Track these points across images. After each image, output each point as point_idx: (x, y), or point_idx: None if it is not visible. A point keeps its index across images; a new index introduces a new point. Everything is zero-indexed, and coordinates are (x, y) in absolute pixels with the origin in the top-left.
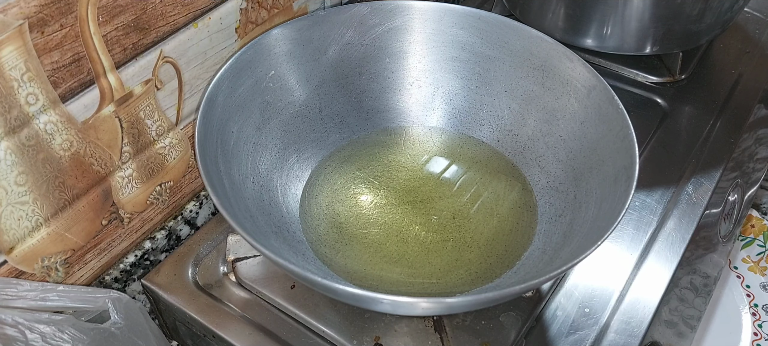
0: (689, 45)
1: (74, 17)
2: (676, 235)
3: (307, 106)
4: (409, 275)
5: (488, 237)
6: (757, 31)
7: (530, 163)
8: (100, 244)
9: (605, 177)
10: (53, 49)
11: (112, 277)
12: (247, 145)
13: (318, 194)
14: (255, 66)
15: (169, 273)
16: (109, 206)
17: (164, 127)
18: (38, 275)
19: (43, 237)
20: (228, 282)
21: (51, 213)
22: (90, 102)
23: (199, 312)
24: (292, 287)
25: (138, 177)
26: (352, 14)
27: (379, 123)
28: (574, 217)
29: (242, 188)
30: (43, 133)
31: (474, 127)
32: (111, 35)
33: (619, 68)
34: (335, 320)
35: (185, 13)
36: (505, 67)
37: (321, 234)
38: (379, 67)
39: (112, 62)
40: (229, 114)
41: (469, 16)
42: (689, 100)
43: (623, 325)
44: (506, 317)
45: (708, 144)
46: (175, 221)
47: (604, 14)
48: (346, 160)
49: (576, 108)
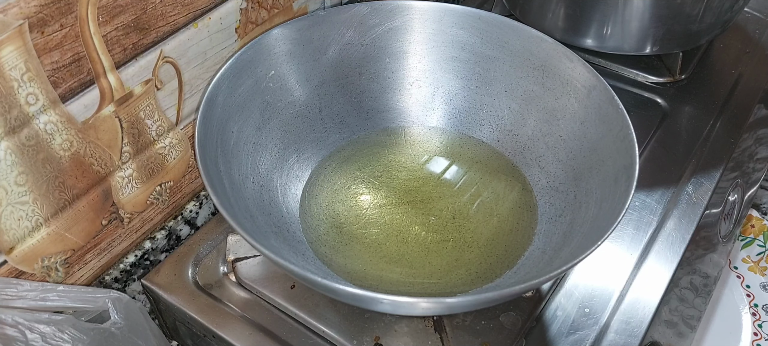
0: (689, 45)
1: (74, 17)
2: (676, 235)
3: (307, 106)
4: (409, 275)
5: (488, 237)
6: (757, 31)
7: (530, 163)
8: (100, 244)
9: (605, 177)
10: (53, 49)
11: (112, 277)
12: (247, 145)
13: (318, 194)
14: (255, 66)
15: (169, 273)
16: (109, 205)
17: (164, 127)
18: (38, 275)
19: (43, 237)
20: (228, 282)
21: (51, 213)
22: (90, 102)
23: (199, 312)
24: (292, 287)
25: (138, 177)
26: (352, 14)
27: (379, 123)
28: (574, 217)
29: (242, 188)
30: (43, 133)
31: (474, 127)
32: (111, 35)
33: (619, 68)
34: (335, 320)
35: (185, 13)
36: (505, 67)
37: (321, 234)
38: (379, 67)
39: (112, 62)
40: (229, 114)
41: (469, 16)
42: (689, 100)
43: (623, 325)
44: (506, 317)
45: (708, 144)
46: (175, 221)
47: (604, 14)
48: (346, 160)
49: (576, 108)
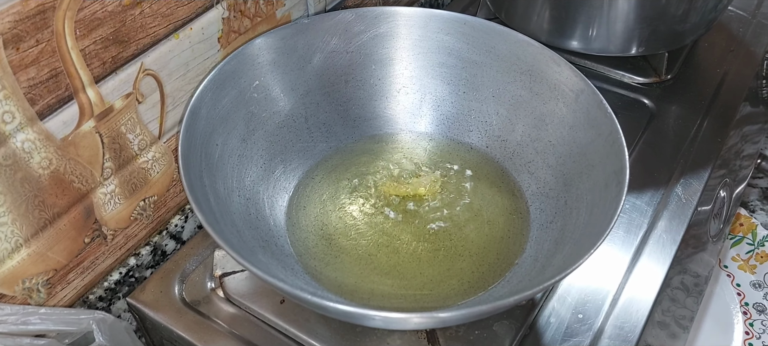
0: (674, 45)
1: (50, 32)
2: (667, 236)
3: (293, 116)
4: (401, 286)
5: (479, 245)
6: (741, 30)
7: (520, 169)
8: (83, 262)
9: (596, 182)
10: (29, 65)
11: (96, 296)
12: (232, 157)
13: (306, 205)
14: (239, 76)
15: (154, 290)
16: (91, 223)
17: (147, 141)
18: (19, 298)
19: (23, 258)
20: (216, 298)
21: (31, 233)
22: (69, 118)
23: (187, 330)
24: (282, 301)
25: (121, 193)
26: (337, 21)
27: (366, 131)
28: (565, 223)
29: (228, 202)
30: (21, 151)
31: (462, 133)
32: (89, 49)
33: (605, 70)
34: (326, 335)
35: (166, 25)
36: (492, 73)
37: (310, 247)
38: (366, 75)
39: (91, 77)
40: (213, 126)
41: (455, 21)
42: (676, 100)
43: (617, 330)
44: (500, 326)
45: (696, 143)
46: (160, 236)
47: (589, 16)
48: (333, 169)
49: (564, 112)
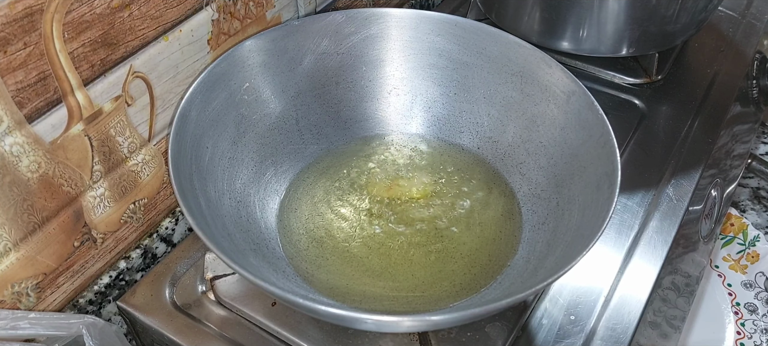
0: (665, 45)
1: (38, 35)
2: (658, 237)
3: (284, 118)
4: (393, 289)
5: (471, 247)
6: (731, 30)
7: (511, 171)
8: (73, 266)
9: (587, 184)
10: (17, 68)
11: (86, 299)
12: (222, 160)
13: (297, 208)
14: (229, 78)
15: (145, 293)
16: (81, 226)
17: (136, 144)
18: (8, 302)
19: (12, 263)
20: (207, 301)
21: (20, 237)
22: (58, 121)
23: (178, 333)
24: (273, 304)
25: (110, 196)
26: (327, 23)
27: (357, 132)
28: (557, 224)
29: (219, 205)
30: (9, 155)
31: (454, 134)
32: (78, 52)
33: (596, 70)
34: (318, 337)
35: (155, 27)
36: (483, 74)
37: (301, 249)
38: (356, 76)
39: (80, 80)
40: (203, 129)
41: (445, 22)
42: (666, 101)
43: (609, 331)
44: (492, 328)
45: (686, 144)
46: (151, 238)
47: (579, 17)
48: (324, 171)
49: (556, 114)
